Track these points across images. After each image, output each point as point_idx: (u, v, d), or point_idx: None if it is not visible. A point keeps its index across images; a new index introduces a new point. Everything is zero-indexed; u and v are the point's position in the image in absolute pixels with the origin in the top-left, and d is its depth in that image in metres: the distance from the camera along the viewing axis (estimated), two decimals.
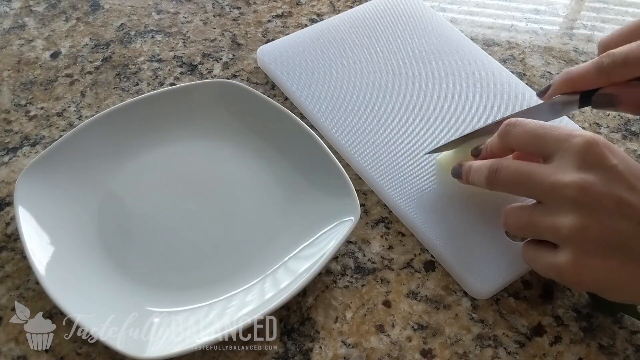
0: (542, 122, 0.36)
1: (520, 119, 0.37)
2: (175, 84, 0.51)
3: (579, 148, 0.33)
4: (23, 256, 0.40)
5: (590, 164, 0.33)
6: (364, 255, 0.41)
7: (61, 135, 0.45)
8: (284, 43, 0.53)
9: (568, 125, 0.47)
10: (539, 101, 0.51)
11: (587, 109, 0.50)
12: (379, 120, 0.47)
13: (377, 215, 0.43)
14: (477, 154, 0.40)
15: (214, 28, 0.57)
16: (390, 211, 0.43)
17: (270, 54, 0.52)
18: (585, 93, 0.38)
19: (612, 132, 0.49)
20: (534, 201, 0.36)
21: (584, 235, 0.32)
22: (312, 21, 0.57)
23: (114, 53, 0.54)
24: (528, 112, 0.41)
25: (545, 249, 0.34)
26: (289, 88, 0.50)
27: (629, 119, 0.50)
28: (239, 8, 0.59)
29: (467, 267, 0.39)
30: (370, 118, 0.47)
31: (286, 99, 0.50)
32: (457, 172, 0.41)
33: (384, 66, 0.51)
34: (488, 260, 0.39)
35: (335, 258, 0.40)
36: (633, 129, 0.49)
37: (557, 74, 0.53)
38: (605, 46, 0.38)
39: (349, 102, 0.48)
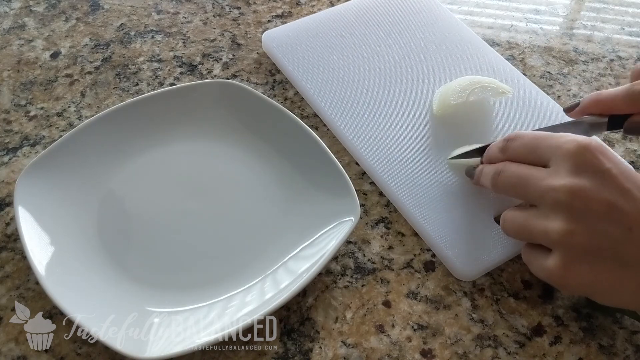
0: (539, 132, 0.36)
1: (519, 132, 0.37)
2: (175, 84, 0.51)
3: (571, 153, 0.33)
4: (23, 256, 0.40)
5: (582, 168, 0.33)
6: (364, 256, 0.41)
7: (61, 136, 0.45)
8: (290, 28, 0.54)
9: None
10: (539, 94, 0.51)
11: None
12: (378, 107, 0.48)
13: (377, 215, 0.43)
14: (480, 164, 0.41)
15: (214, 28, 0.57)
16: (391, 211, 0.43)
17: (275, 39, 0.53)
18: (615, 117, 0.38)
19: (612, 132, 0.49)
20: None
21: (573, 240, 0.32)
22: None
23: (113, 53, 0.54)
24: (554, 129, 0.40)
25: (540, 251, 0.35)
26: (291, 73, 0.50)
27: None
28: (239, 8, 0.59)
29: (454, 246, 0.40)
30: (370, 104, 0.48)
31: (286, 98, 0.50)
32: (471, 173, 0.41)
33: (386, 54, 0.52)
34: (476, 242, 0.40)
35: (335, 258, 0.40)
36: None
37: (557, 74, 0.53)
38: (638, 73, 0.38)
39: (350, 89, 0.49)
